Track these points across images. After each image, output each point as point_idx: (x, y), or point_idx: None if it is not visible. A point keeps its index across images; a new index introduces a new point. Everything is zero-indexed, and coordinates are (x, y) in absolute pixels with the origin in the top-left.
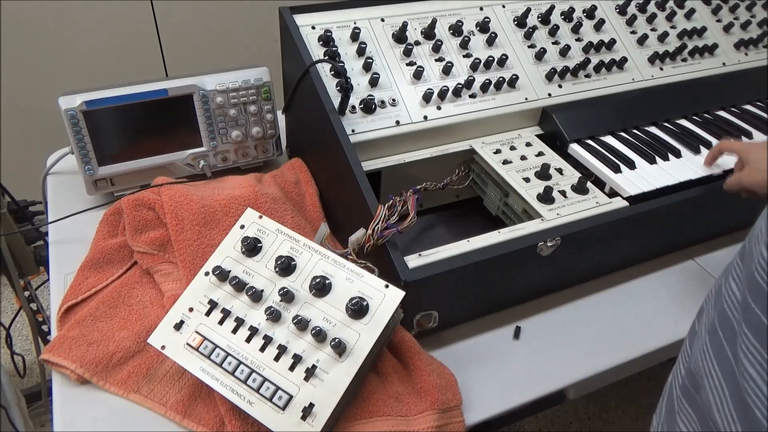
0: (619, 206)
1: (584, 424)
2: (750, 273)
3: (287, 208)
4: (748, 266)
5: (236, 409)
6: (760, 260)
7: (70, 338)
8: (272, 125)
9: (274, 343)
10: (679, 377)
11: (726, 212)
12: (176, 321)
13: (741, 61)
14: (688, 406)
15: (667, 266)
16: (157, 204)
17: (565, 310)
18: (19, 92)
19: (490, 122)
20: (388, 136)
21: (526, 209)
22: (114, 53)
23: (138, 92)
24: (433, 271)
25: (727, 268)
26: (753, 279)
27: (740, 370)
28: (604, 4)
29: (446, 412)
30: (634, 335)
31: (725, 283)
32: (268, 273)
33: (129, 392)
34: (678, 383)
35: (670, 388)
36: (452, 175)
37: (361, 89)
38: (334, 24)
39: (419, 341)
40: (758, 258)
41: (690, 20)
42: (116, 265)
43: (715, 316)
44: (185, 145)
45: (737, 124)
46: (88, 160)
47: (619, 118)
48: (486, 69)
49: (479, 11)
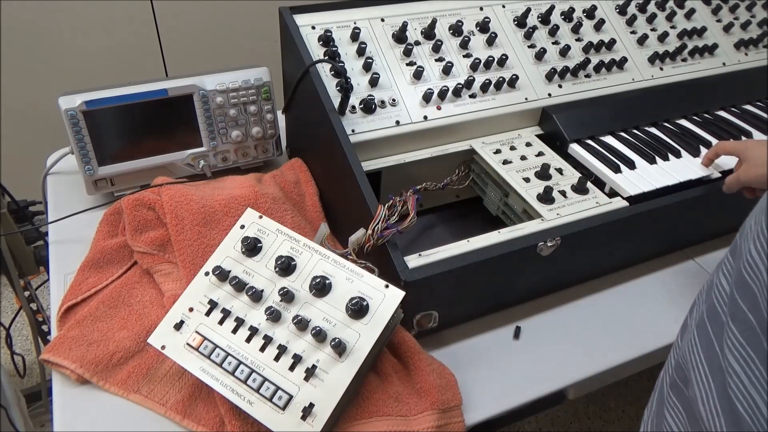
0: (619, 206)
1: (584, 424)
2: (738, 269)
3: (287, 208)
4: (737, 262)
5: (236, 409)
6: (748, 257)
7: (70, 338)
8: (272, 125)
9: (274, 343)
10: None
11: (726, 212)
12: (176, 321)
13: (741, 61)
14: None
15: (667, 266)
16: (157, 204)
17: (565, 310)
18: (19, 92)
19: (490, 122)
20: (388, 136)
21: (526, 209)
22: (114, 53)
23: (138, 92)
24: (433, 271)
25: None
26: (740, 275)
27: (725, 364)
28: (604, 4)
29: (446, 412)
30: (634, 335)
31: (716, 277)
32: (268, 273)
33: (129, 392)
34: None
35: (660, 382)
36: (452, 175)
37: (361, 89)
38: (334, 24)
39: (419, 341)
40: (746, 255)
41: (690, 20)
42: (116, 265)
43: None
44: (185, 145)
45: (737, 124)
46: (88, 160)
47: (619, 118)
48: (486, 69)
49: (479, 11)
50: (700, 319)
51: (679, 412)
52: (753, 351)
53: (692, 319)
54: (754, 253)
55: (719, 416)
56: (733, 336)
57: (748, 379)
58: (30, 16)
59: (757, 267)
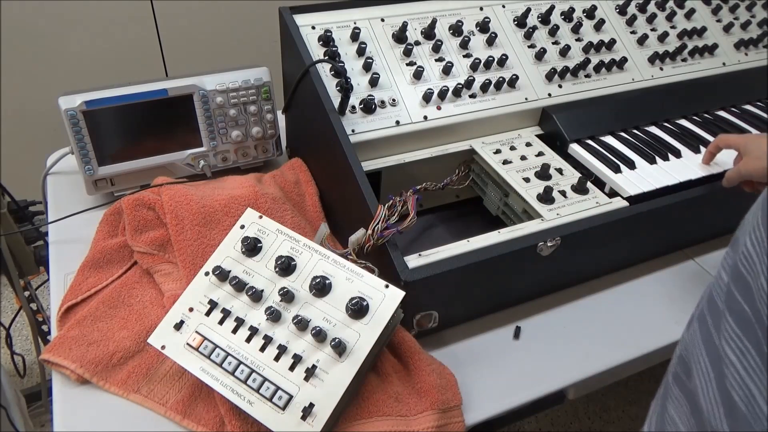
0: (619, 206)
1: (584, 424)
2: (734, 261)
3: (287, 208)
4: (734, 255)
5: (236, 409)
6: (744, 250)
7: (70, 338)
8: (272, 125)
9: (274, 343)
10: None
11: (726, 212)
12: (176, 321)
13: (741, 61)
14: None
15: (667, 266)
16: (157, 204)
17: (565, 310)
18: (19, 92)
19: (490, 122)
20: (388, 136)
21: (526, 209)
22: (114, 53)
23: (138, 92)
24: (433, 271)
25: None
26: (736, 267)
27: (723, 355)
28: (604, 4)
29: (446, 412)
30: (634, 335)
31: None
32: (268, 273)
33: (129, 392)
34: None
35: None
36: (452, 175)
37: (361, 89)
38: (334, 24)
39: (419, 341)
40: (742, 248)
41: (690, 20)
42: (116, 265)
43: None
44: (185, 145)
45: (737, 124)
46: (88, 160)
47: (619, 118)
48: (486, 69)
49: (479, 11)
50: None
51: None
52: (748, 341)
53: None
54: (749, 244)
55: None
56: (730, 327)
57: (743, 368)
58: (30, 16)
59: (751, 258)
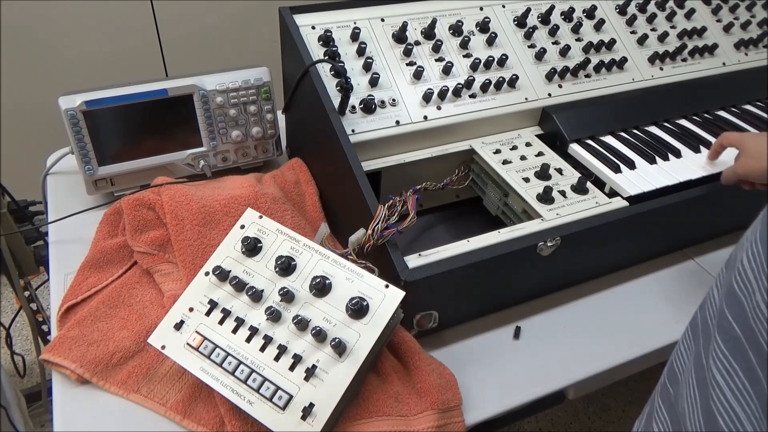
0: (619, 206)
1: (584, 424)
2: (729, 280)
3: (287, 208)
4: (729, 274)
5: (236, 409)
6: (739, 267)
7: (70, 338)
8: (272, 125)
9: (274, 343)
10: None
11: (726, 212)
12: (176, 321)
13: (741, 61)
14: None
15: (666, 266)
16: (157, 204)
17: (565, 310)
18: (19, 92)
19: (490, 122)
20: (388, 136)
21: (525, 209)
22: (114, 53)
23: (138, 92)
24: (433, 271)
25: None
26: (730, 286)
27: (709, 377)
28: (604, 4)
29: (446, 412)
30: (634, 335)
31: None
32: (268, 273)
33: (129, 392)
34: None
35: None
36: (452, 175)
37: (361, 89)
38: (334, 24)
39: (419, 341)
40: (738, 265)
41: (690, 20)
42: (116, 265)
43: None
44: (185, 145)
45: (737, 124)
46: (88, 160)
47: (619, 118)
48: (486, 69)
49: (479, 11)
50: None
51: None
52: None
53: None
54: (745, 262)
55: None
56: (718, 348)
57: (730, 391)
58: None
59: (747, 275)
